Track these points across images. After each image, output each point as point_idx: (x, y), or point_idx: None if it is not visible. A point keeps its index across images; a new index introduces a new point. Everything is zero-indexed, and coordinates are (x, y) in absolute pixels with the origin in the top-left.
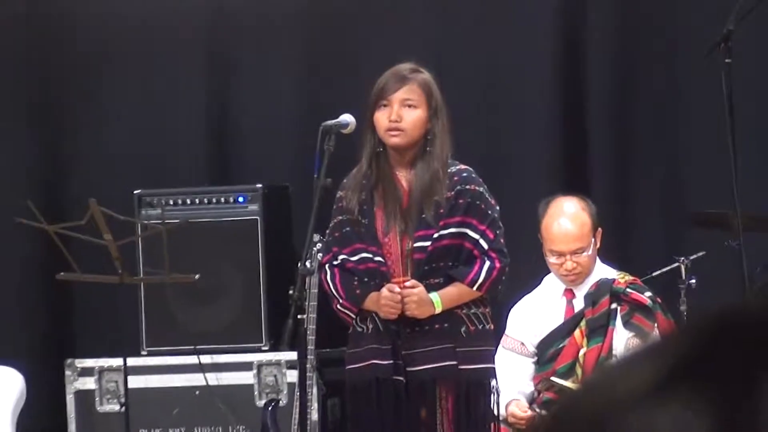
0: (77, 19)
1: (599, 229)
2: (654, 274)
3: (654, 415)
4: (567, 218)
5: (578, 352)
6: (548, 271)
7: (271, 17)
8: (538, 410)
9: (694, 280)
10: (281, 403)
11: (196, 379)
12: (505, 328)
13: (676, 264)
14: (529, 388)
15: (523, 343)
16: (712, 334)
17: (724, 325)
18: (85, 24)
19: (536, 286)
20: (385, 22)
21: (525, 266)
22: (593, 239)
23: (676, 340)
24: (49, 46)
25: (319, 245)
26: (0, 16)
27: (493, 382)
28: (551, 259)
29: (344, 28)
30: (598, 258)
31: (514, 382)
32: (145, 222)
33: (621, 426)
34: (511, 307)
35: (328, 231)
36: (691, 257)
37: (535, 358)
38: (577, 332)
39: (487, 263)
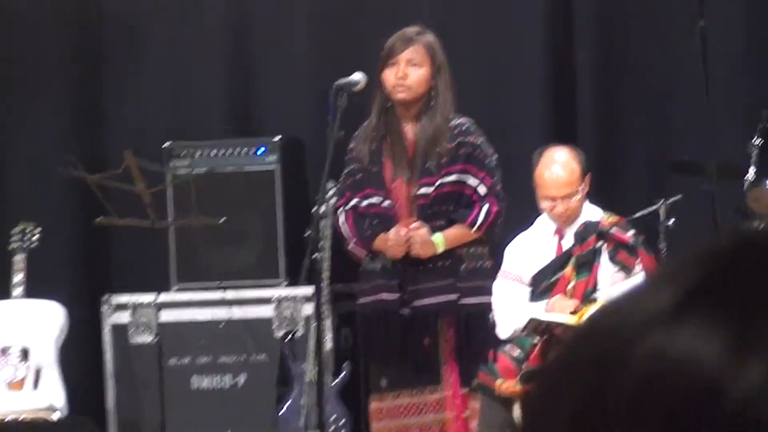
0: None
1: (588, 175)
2: (636, 215)
3: (673, 334)
4: (558, 166)
5: (568, 286)
6: (540, 213)
7: None
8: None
9: (672, 221)
10: (298, 334)
11: (221, 313)
12: (501, 265)
13: (655, 206)
14: (531, 312)
15: (520, 276)
16: (727, 258)
17: (739, 249)
18: None
19: (529, 227)
20: None
21: (519, 209)
22: (582, 185)
23: (693, 264)
24: (86, 8)
25: (332, 191)
26: (52, 3)
27: (491, 314)
28: (544, 203)
29: None
30: (586, 200)
31: (514, 309)
32: (175, 172)
33: (641, 345)
34: (508, 244)
35: (341, 178)
36: (670, 200)
37: (530, 290)
38: (568, 269)
39: (486, 207)
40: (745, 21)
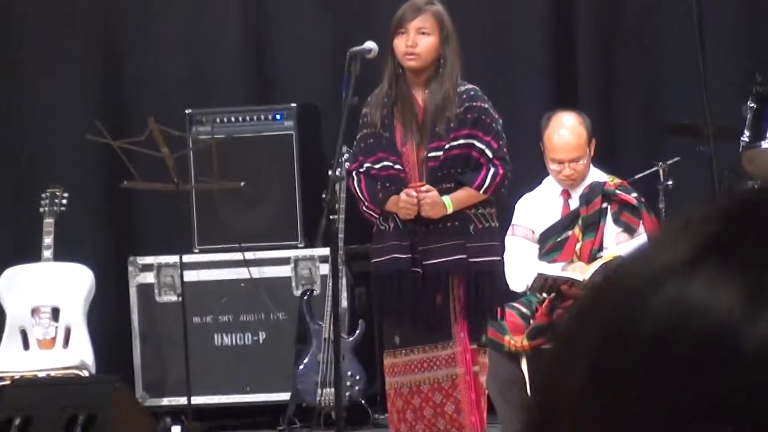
0: None
1: (593, 140)
2: (636, 177)
3: (689, 283)
4: (566, 130)
5: (576, 246)
6: (547, 174)
7: None
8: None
9: (671, 182)
10: (315, 293)
11: (241, 273)
12: (509, 223)
13: (655, 168)
14: (539, 268)
15: (532, 231)
16: (739, 213)
17: (750, 205)
18: None
19: (536, 186)
20: None
21: (524, 170)
22: (588, 149)
23: (707, 218)
24: None
25: (346, 155)
26: None
27: (500, 273)
28: (552, 166)
29: None
30: (591, 164)
31: (526, 263)
32: (196, 137)
33: (658, 295)
34: (515, 203)
35: (354, 142)
36: (668, 162)
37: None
38: (576, 229)
39: (492, 169)
40: None
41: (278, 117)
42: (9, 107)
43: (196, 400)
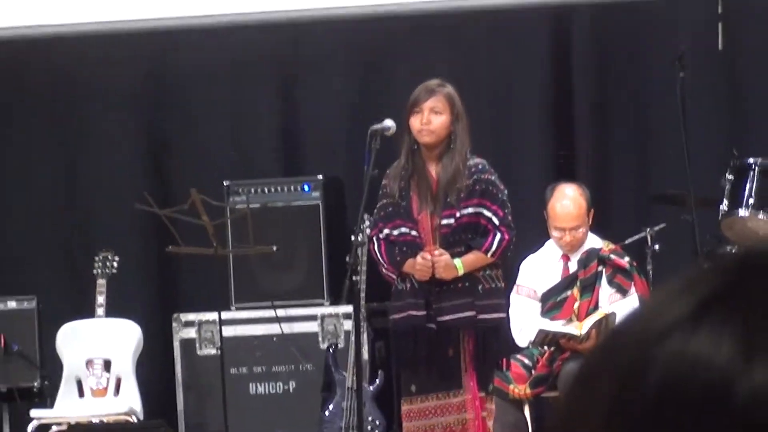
0: (177, 48)
1: (592, 210)
2: (627, 241)
3: (690, 338)
4: (568, 200)
5: (574, 305)
6: (548, 238)
7: (330, 47)
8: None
9: (657, 246)
10: (339, 346)
11: (273, 328)
12: (514, 282)
13: (643, 234)
14: (540, 324)
15: (535, 291)
16: (737, 271)
17: (748, 263)
18: (184, 51)
19: (538, 248)
20: (417, 49)
21: (528, 235)
22: (587, 218)
23: (706, 277)
24: (156, 61)
25: (367, 223)
26: (125, 58)
27: (505, 328)
28: (554, 233)
29: (387, 53)
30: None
31: (530, 320)
32: (234, 206)
33: (662, 349)
34: (518, 267)
35: (374, 210)
36: (656, 228)
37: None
38: (574, 290)
39: (499, 235)
40: (718, 74)
41: (306, 188)
42: (68, 179)
43: None
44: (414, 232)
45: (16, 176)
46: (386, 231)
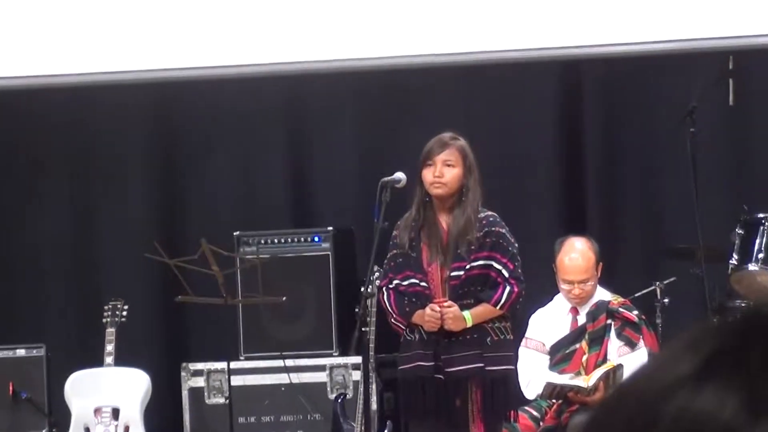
0: (188, 99)
1: (600, 263)
2: (636, 295)
3: (696, 394)
4: (577, 254)
5: (583, 358)
6: (557, 291)
7: (340, 99)
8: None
9: (667, 300)
10: (348, 396)
11: (282, 378)
12: (523, 335)
13: (653, 287)
14: (548, 377)
15: (543, 344)
16: (741, 330)
17: (751, 323)
18: (194, 101)
19: (547, 301)
20: (426, 102)
21: (537, 288)
22: (596, 271)
23: (710, 335)
24: (165, 115)
25: (377, 274)
26: (136, 108)
27: (513, 380)
28: (563, 286)
29: (397, 105)
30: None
31: (538, 373)
32: (243, 257)
33: (668, 404)
34: (528, 319)
35: (385, 261)
36: (665, 282)
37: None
38: (583, 343)
39: (508, 288)
40: (728, 130)
41: (317, 239)
42: (78, 228)
43: None
44: (423, 283)
45: (28, 224)
46: (396, 281)
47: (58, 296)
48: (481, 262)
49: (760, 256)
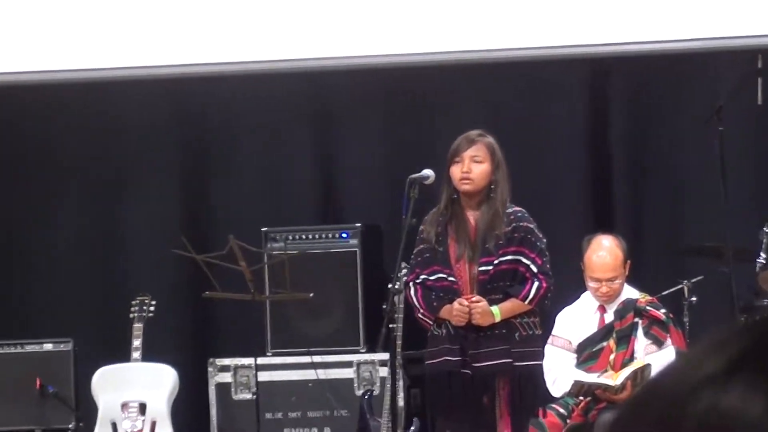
0: (216, 95)
1: (628, 261)
2: (664, 293)
3: (723, 393)
4: (605, 252)
5: (610, 357)
6: (585, 288)
7: (369, 95)
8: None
9: (694, 299)
10: (375, 393)
11: (309, 374)
12: (551, 331)
13: (680, 286)
14: (575, 375)
15: (570, 342)
16: (765, 330)
17: None
18: (222, 97)
19: (574, 299)
20: (454, 98)
21: (565, 284)
22: (624, 269)
23: (739, 334)
24: (196, 118)
25: (404, 271)
26: (164, 103)
27: (541, 376)
28: (590, 284)
29: (425, 102)
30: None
31: (564, 371)
32: (271, 252)
33: (696, 403)
34: (556, 315)
35: (412, 256)
36: (693, 280)
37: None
38: (610, 341)
39: (536, 283)
40: (756, 128)
41: (344, 235)
42: (107, 223)
43: None
44: (451, 278)
45: (55, 220)
46: (423, 276)
47: (86, 291)
48: (509, 257)
49: None
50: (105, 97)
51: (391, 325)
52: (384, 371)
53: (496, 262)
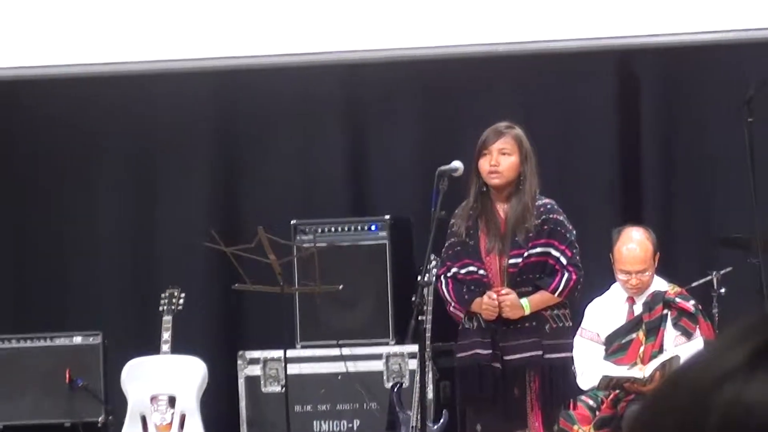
0: (245, 87)
1: (658, 253)
2: (693, 285)
3: (747, 383)
4: (635, 244)
5: (639, 349)
6: (614, 280)
7: (398, 87)
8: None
9: (723, 290)
10: (404, 385)
11: (338, 367)
12: (581, 323)
13: (709, 277)
14: (604, 369)
15: (598, 334)
16: None
17: None
18: (251, 90)
19: (603, 291)
20: (484, 91)
21: (595, 276)
22: (653, 261)
23: (761, 327)
24: (225, 110)
25: (434, 263)
26: (194, 96)
27: (571, 368)
28: (620, 276)
29: (455, 94)
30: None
31: (593, 364)
32: (300, 245)
33: (721, 393)
34: (586, 306)
35: (443, 250)
36: (722, 272)
37: (604, 348)
38: (640, 333)
39: (566, 275)
40: None
41: (374, 228)
42: (136, 216)
43: None
44: (482, 271)
45: (85, 213)
46: (454, 270)
47: (116, 284)
48: (539, 250)
49: None
50: (138, 90)
51: (420, 318)
52: (413, 364)
53: (525, 254)
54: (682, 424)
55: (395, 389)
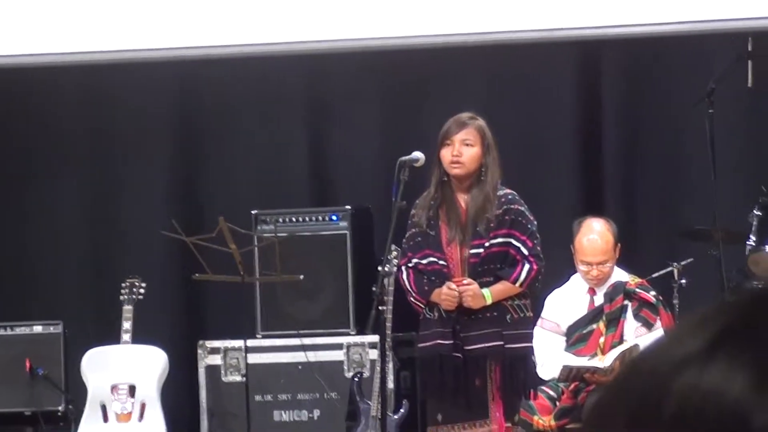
0: (206, 78)
1: (619, 244)
2: (654, 276)
3: (704, 371)
4: (595, 235)
5: (600, 340)
6: (574, 271)
7: (359, 78)
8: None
9: (684, 281)
10: (365, 375)
11: (298, 357)
12: (541, 314)
13: (670, 268)
14: (564, 359)
15: (558, 324)
16: (751, 308)
17: (757, 301)
18: (213, 80)
19: (564, 282)
20: (445, 81)
21: (555, 267)
22: (614, 253)
23: (721, 312)
24: (187, 100)
25: (394, 253)
26: (154, 86)
27: (531, 358)
28: (581, 267)
29: (417, 85)
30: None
31: (553, 354)
32: (261, 235)
33: (678, 381)
34: (546, 297)
35: (403, 240)
36: (682, 263)
37: (564, 339)
38: (600, 324)
39: (527, 266)
40: (747, 111)
41: (334, 218)
42: (96, 205)
43: None
44: (442, 262)
45: (44, 202)
46: (415, 260)
47: (76, 273)
48: (500, 240)
49: None
50: (97, 80)
51: (380, 308)
52: (374, 354)
53: (486, 244)
54: (639, 408)
55: (356, 379)
